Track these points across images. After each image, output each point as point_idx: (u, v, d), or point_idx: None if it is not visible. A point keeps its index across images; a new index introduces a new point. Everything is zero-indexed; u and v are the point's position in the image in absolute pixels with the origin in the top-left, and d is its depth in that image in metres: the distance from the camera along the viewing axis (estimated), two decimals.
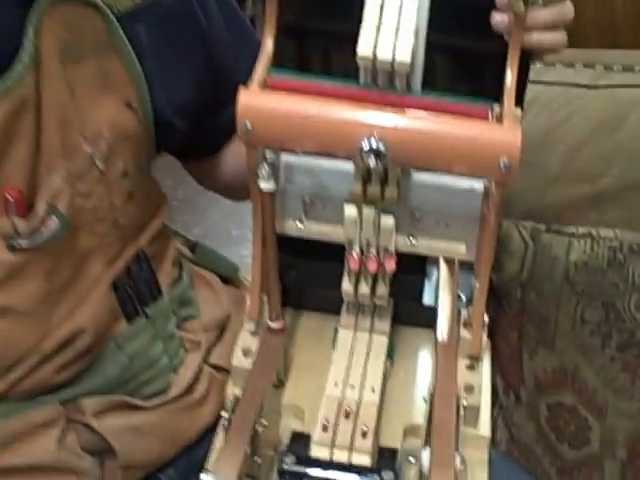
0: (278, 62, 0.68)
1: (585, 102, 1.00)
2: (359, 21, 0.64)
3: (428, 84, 0.69)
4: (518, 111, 0.66)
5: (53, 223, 0.74)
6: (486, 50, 0.69)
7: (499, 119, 0.65)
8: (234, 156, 0.96)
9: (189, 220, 2.08)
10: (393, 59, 0.62)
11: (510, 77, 0.67)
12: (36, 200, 0.74)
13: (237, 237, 2.19)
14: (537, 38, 0.68)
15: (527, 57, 0.70)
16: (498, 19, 0.66)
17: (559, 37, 0.70)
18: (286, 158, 0.70)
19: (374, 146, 0.60)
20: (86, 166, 0.76)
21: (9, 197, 0.71)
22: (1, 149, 0.71)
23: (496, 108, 0.66)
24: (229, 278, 1.02)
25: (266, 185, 0.67)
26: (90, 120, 0.76)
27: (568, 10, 0.69)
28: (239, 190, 0.93)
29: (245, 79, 0.64)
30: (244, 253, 0.80)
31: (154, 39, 0.81)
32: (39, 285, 0.76)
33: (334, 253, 0.72)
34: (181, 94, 0.85)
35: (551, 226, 0.99)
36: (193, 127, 0.89)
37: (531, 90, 0.99)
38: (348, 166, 0.65)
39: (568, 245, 0.98)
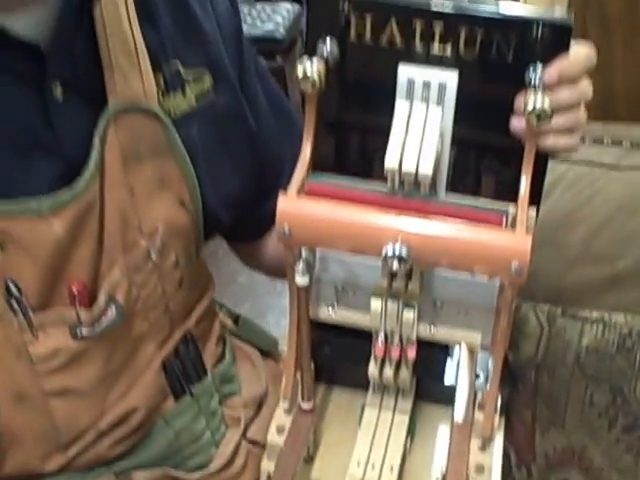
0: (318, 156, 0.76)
1: (608, 183, 1.04)
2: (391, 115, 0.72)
3: (455, 178, 0.77)
4: (533, 212, 0.74)
5: (112, 313, 0.81)
6: (509, 146, 0.75)
7: (514, 223, 0.72)
8: (274, 242, 1.01)
9: (237, 292, 2.20)
10: (417, 171, 0.70)
11: (524, 183, 0.73)
12: (98, 292, 0.81)
13: (280, 307, 2.32)
14: (552, 142, 0.74)
15: (545, 156, 0.76)
16: (515, 124, 0.71)
17: (573, 141, 0.76)
18: (322, 249, 0.77)
19: (397, 252, 0.68)
20: (142, 259, 0.84)
21: (74, 290, 0.79)
22: (68, 249, 0.79)
23: (512, 209, 0.74)
24: (269, 351, 1.09)
25: (301, 280, 0.74)
26: (147, 217, 0.84)
27: (582, 117, 0.75)
28: (279, 272, 1.00)
29: (288, 172, 0.72)
30: (283, 323, 0.88)
31: (206, 139, 0.89)
32: (97, 369, 0.83)
33: (365, 331, 0.79)
34: (228, 189, 0.92)
35: (567, 310, 1.03)
36: (236, 219, 0.96)
37: (557, 168, 1.06)
38: (378, 260, 0.71)
39: (581, 330, 1.02)
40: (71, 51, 0.79)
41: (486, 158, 0.80)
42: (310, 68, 0.71)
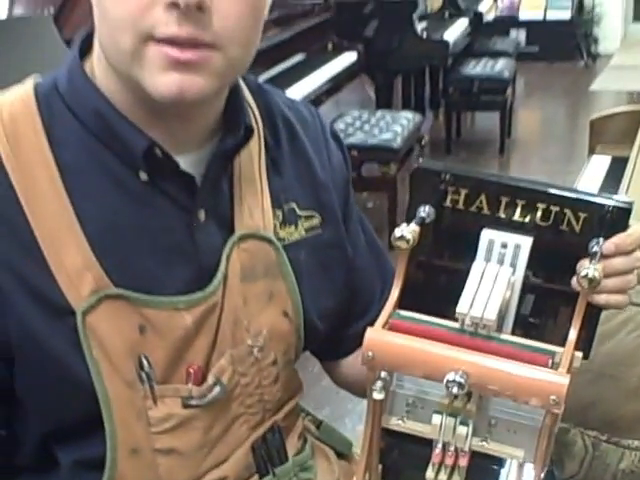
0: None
1: None
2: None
3: (524, 318, 0.94)
4: (579, 355, 0.90)
5: (216, 390, 0.99)
6: (571, 297, 0.92)
7: (558, 364, 0.87)
8: (358, 364, 1.17)
9: (320, 395, 2.41)
10: (482, 317, 0.87)
11: (573, 331, 0.90)
12: (208, 374, 0.99)
13: (357, 413, 2.56)
14: (605, 299, 0.92)
15: (599, 307, 0.93)
16: (574, 283, 0.89)
17: (623, 299, 0.93)
18: None
19: (457, 379, 0.85)
20: (246, 354, 1.02)
21: (191, 371, 0.98)
22: (192, 338, 0.98)
23: (559, 351, 0.89)
24: (343, 452, 1.24)
25: (378, 395, 0.91)
26: (255, 322, 1.03)
27: (632, 280, 0.92)
28: (360, 390, 1.09)
29: (375, 301, 0.91)
30: (359, 427, 1.04)
31: (310, 264, 1.08)
32: (198, 436, 1.00)
33: (427, 439, 0.94)
34: (325, 305, 1.10)
35: (611, 437, 1.17)
36: (330, 334, 1.13)
37: (629, 310, 1.21)
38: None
39: (621, 455, 1.15)
40: (215, 186, 1.01)
41: (551, 305, 0.96)
42: (405, 231, 0.91)
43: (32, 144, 0.93)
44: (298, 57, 4.08)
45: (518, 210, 0.93)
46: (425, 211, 0.94)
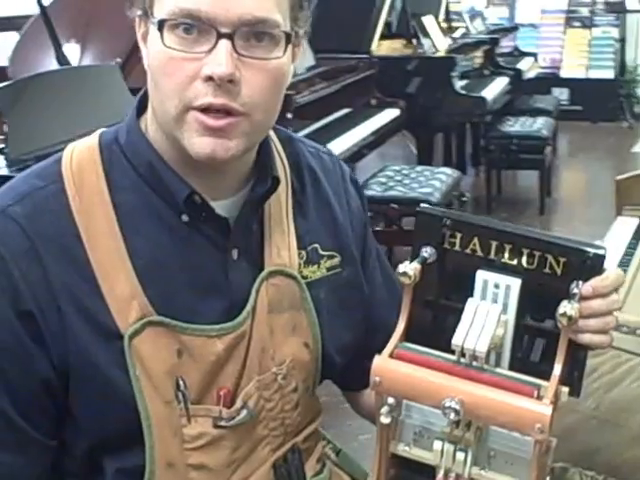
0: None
1: None
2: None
3: (518, 353, 1.05)
4: (565, 390, 1.01)
5: (243, 414, 1.12)
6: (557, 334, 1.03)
7: (543, 396, 0.98)
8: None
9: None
10: (474, 349, 0.99)
11: (557, 366, 1.01)
12: (236, 398, 1.12)
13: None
14: (588, 339, 1.04)
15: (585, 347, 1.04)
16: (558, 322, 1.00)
17: (606, 339, 1.05)
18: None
19: (452, 405, 0.97)
20: (271, 381, 1.15)
21: (221, 394, 1.11)
22: (223, 364, 1.11)
23: (545, 385, 0.99)
24: None
25: (384, 419, 1.04)
26: (279, 351, 1.16)
27: (611, 321, 1.04)
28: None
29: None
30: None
31: (330, 300, 1.22)
32: (226, 454, 1.13)
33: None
34: (343, 339, 1.23)
35: (607, 477, 1.26)
36: (350, 366, 1.25)
37: (631, 361, 1.32)
38: None
39: None
40: (247, 228, 1.16)
41: (539, 341, 1.07)
42: (408, 267, 1.04)
43: (94, 187, 1.09)
44: (343, 111, 4.23)
45: (506, 253, 1.05)
46: (427, 251, 1.06)
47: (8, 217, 1.06)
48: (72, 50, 3.19)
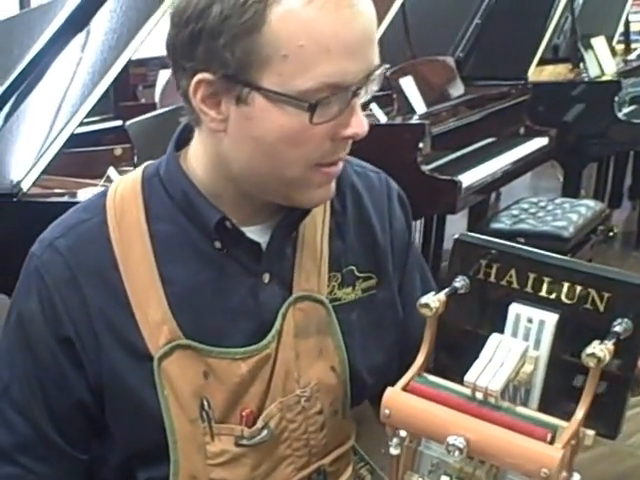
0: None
1: None
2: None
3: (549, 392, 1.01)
4: (590, 433, 0.96)
5: (264, 434, 1.15)
6: None
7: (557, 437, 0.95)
8: None
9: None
10: (487, 387, 0.97)
11: (579, 411, 0.96)
12: (258, 418, 1.15)
13: None
14: None
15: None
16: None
17: None
18: None
19: (456, 443, 0.96)
20: (294, 403, 1.18)
21: (244, 414, 1.15)
22: (247, 385, 1.15)
23: (564, 426, 0.96)
24: None
25: (394, 451, 1.04)
26: (304, 374, 1.18)
27: None
28: None
29: None
30: None
31: (363, 321, 1.24)
32: (246, 471, 1.16)
33: None
34: (375, 361, 1.24)
35: None
36: (379, 386, 1.23)
37: None
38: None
39: None
40: (280, 252, 1.19)
41: (579, 377, 1.01)
42: (430, 299, 1.03)
43: (133, 218, 1.15)
44: (487, 140, 4.14)
45: (544, 286, 1.02)
46: (459, 282, 1.05)
47: (54, 249, 1.15)
48: None
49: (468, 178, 3.56)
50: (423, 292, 1.30)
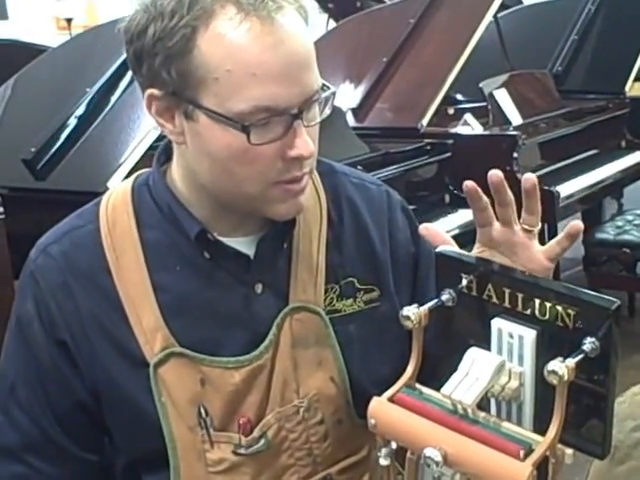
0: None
1: None
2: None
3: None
4: (569, 452, 0.96)
5: (260, 444, 1.18)
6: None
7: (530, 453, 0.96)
8: None
9: None
10: (460, 400, 0.99)
11: (551, 429, 0.96)
12: (255, 427, 1.19)
13: None
14: None
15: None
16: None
17: None
18: None
19: (432, 455, 0.97)
20: (292, 413, 1.20)
21: (241, 423, 1.18)
22: (242, 394, 1.18)
23: (538, 441, 0.96)
24: None
25: (383, 462, 1.05)
26: (303, 385, 1.21)
27: None
28: None
29: None
30: None
31: (364, 333, 1.25)
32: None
33: None
34: (379, 372, 1.24)
35: None
36: None
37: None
38: None
39: None
40: (272, 263, 1.22)
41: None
42: (411, 311, 1.04)
43: (124, 226, 1.20)
44: (590, 152, 4.17)
45: (519, 302, 1.02)
46: (445, 294, 1.06)
47: (47, 254, 1.21)
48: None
49: (567, 189, 3.66)
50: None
